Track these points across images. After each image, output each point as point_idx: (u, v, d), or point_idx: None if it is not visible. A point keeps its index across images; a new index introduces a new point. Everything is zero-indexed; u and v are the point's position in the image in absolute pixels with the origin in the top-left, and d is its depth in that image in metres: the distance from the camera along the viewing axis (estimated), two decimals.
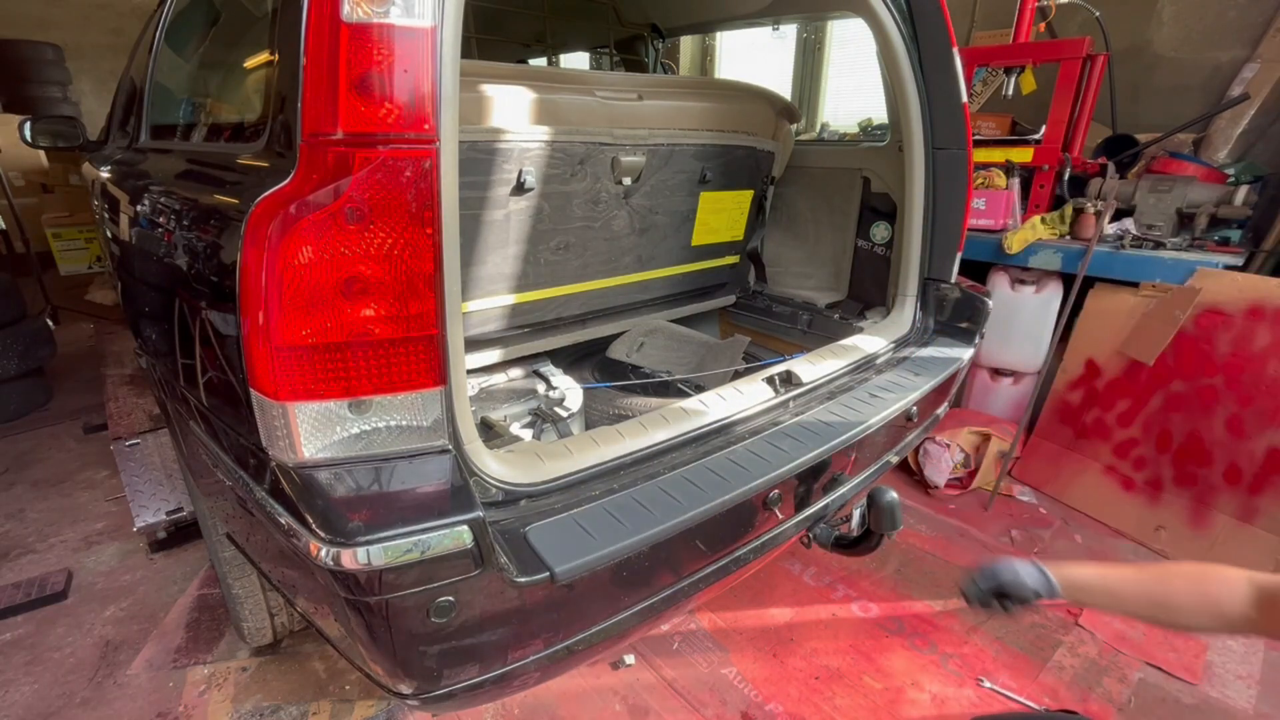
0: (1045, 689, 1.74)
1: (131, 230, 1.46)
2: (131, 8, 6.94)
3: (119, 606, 2.03)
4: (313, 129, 0.77)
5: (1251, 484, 2.16)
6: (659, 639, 1.89)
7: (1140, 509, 2.41)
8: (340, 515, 0.83)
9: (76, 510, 2.53)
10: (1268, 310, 2.15)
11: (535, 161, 1.50)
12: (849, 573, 2.18)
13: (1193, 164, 2.87)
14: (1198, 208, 2.60)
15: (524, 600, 0.96)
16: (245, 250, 0.80)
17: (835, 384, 1.56)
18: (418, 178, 0.79)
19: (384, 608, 0.86)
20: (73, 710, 1.67)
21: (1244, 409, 2.18)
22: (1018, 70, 3.00)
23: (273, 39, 0.92)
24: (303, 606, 1.19)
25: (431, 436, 0.91)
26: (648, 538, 0.99)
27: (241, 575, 1.63)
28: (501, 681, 1.03)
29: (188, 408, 1.24)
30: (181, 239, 1.10)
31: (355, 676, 1.74)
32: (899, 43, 1.67)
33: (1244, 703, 1.72)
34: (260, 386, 0.83)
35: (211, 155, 1.23)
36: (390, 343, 0.84)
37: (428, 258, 0.83)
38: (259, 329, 0.80)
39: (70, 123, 2.45)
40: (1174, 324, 2.31)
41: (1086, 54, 2.75)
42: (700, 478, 1.14)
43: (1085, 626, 1.96)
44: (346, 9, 0.72)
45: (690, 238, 2.06)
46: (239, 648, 1.85)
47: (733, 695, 1.72)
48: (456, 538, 0.86)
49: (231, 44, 1.47)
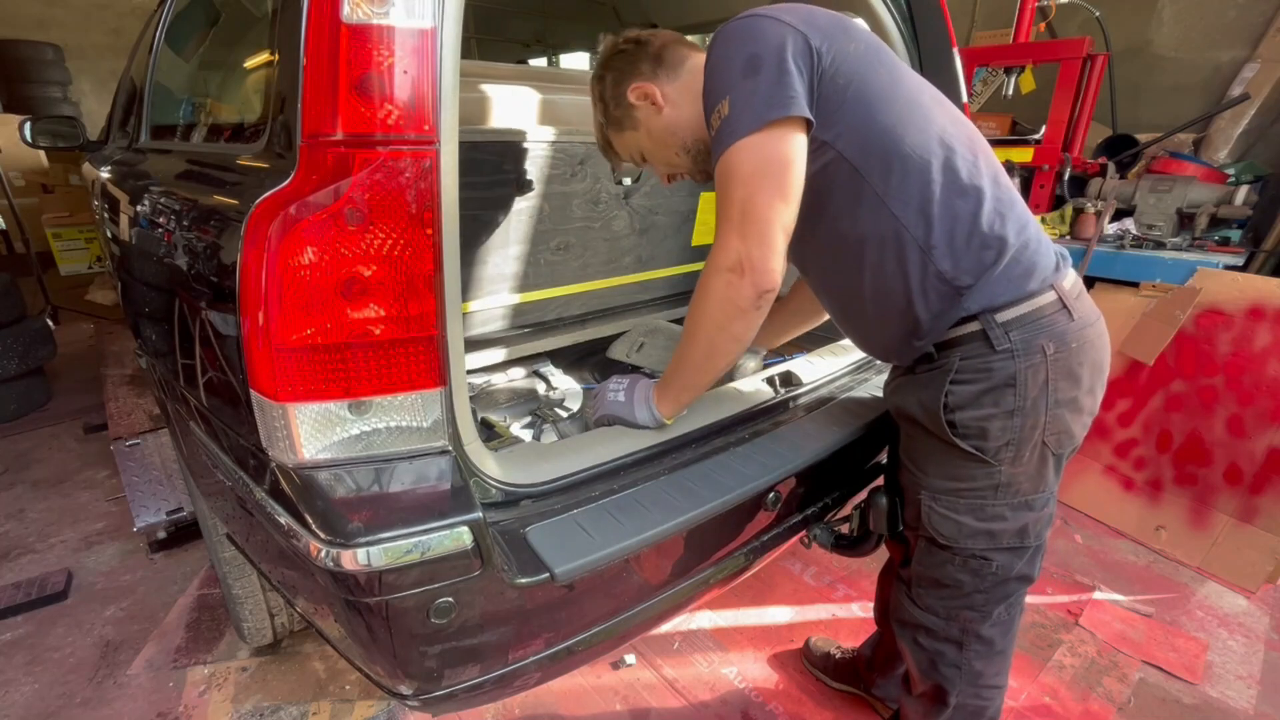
0: (1045, 689, 1.74)
1: (131, 230, 1.46)
2: (131, 8, 6.94)
3: (119, 606, 2.03)
4: (313, 130, 0.77)
5: (1252, 484, 2.16)
6: (659, 639, 1.89)
7: (1140, 509, 2.41)
8: (340, 516, 0.83)
9: (76, 510, 2.54)
10: (1268, 310, 2.15)
11: (535, 161, 1.50)
12: (849, 573, 2.18)
13: (1193, 164, 2.87)
14: (1198, 208, 2.60)
15: (524, 601, 0.96)
16: (245, 251, 0.80)
17: (835, 384, 1.56)
18: (418, 178, 0.79)
19: (384, 608, 0.86)
20: (73, 710, 1.68)
21: (1244, 409, 2.18)
22: (1018, 70, 3.00)
23: (272, 39, 0.92)
24: (303, 607, 1.19)
25: (431, 437, 0.91)
26: (648, 538, 0.99)
27: (241, 575, 1.63)
28: (502, 682, 1.03)
29: (188, 408, 1.24)
30: (181, 239, 1.10)
31: (355, 676, 1.74)
32: (899, 43, 1.67)
33: (1244, 703, 1.72)
34: (260, 387, 0.83)
35: (211, 156, 1.23)
36: (390, 343, 0.84)
37: (428, 258, 0.83)
38: (259, 329, 0.80)
39: (70, 123, 2.45)
40: (1174, 324, 2.31)
41: (1086, 54, 2.75)
42: (700, 478, 1.14)
43: (1085, 626, 1.96)
44: (346, 10, 0.72)
45: (691, 238, 2.06)
46: (239, 648, 1.85)
47: (733, 695, 1.72)
48: (456, 538, 0.86)
49: (231, 44, 1.47)
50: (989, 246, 0.96)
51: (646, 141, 1.13)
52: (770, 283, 0.94)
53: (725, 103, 0.92)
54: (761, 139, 0.90)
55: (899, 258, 0.99)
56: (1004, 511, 1.06)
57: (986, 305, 0.97)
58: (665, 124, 1.09)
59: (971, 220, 0.96)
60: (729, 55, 0.94)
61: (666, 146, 1.11)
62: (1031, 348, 0.97)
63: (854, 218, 1.00)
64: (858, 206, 0.99)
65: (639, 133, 1.12)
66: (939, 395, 1.02)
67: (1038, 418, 1.00)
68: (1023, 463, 1.03)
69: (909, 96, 0.99)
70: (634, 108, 1.09)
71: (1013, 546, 1.09)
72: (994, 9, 4.14)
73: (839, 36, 0.95)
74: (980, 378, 0.99)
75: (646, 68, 1.09)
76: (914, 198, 0.96)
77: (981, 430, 1.00)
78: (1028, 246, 0.99)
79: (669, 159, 1.13)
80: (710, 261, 0.97)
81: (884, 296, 1.04)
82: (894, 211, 0.97)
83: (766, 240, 0.91)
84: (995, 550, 1.09)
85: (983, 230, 0.96)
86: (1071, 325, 1.00)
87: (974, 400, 1.00)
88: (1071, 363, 1.00)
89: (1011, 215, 0.98)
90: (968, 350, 1.00)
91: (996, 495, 1.05)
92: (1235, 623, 2.01)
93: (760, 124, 0.89)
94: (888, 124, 0.96)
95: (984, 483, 1.05)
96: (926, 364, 1.05)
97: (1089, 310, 1.04)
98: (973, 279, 0.97)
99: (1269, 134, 3.17)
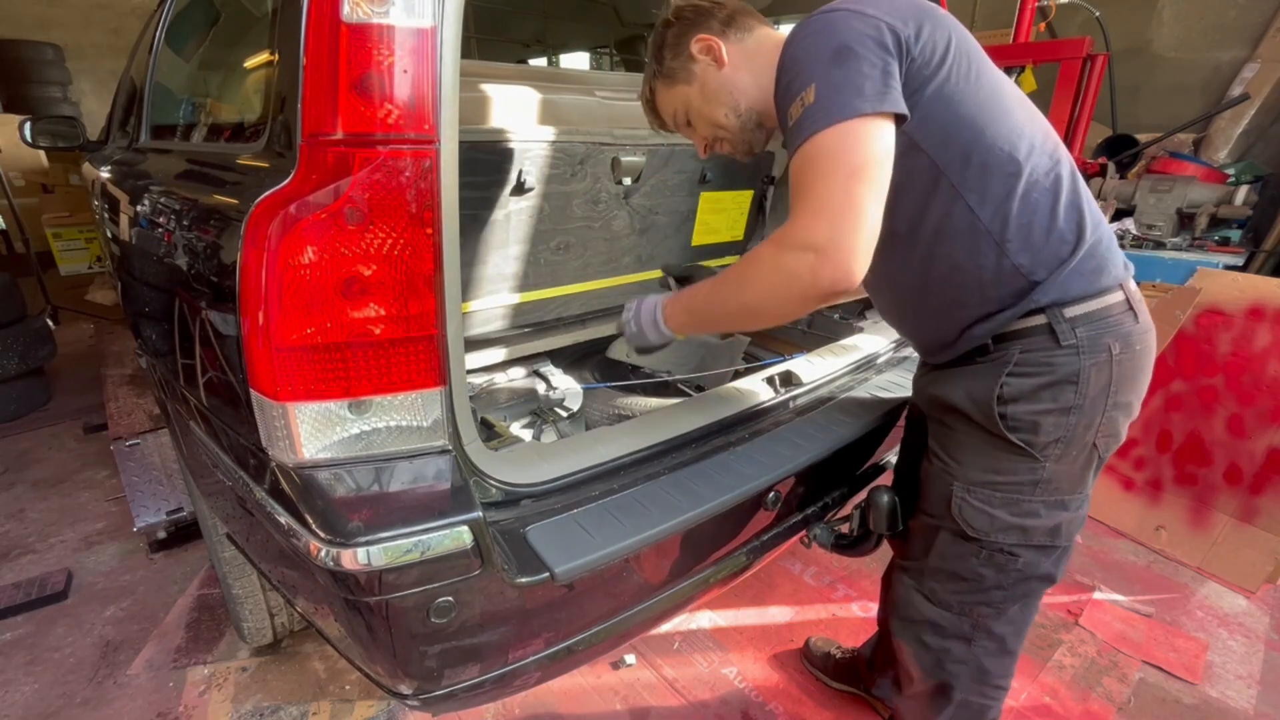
0: (1045, 688, 1.74)
1: (131, 230, 1.46)
2: (131, 8, 6.94)
3: (119, 606, 2.03)
4: (312, 129, 0.77)
5: (1252, 484, 2.16)
6: (659, 638, 1.89)
7: (1140, 509, 2.41)
8: (340, 515, 0.83)
9: (76, 510, 2.53)
10: (1268, 310, 2.15)
11: (535, 161, 1.50)
12: (849, 573, 2.18)
13: (1193, 164, 2.87)
14: (1198, 208, 2.61)
15: (524, 600, 0.95)
16: (245, 250, 0.80)
17: (835, 384, 1.56)
18: (418, 178, 0.79)
19: (384, 608, 0.86)
20: (73, 710, 1.67)
21: (1244, 409, 2.18)
22: (1018, 70, 3.00)
23: (272, 39, 0.92)
24: (303, 607, 1.19)
25: (431, 436, 0.91)
26: (648, 538, 1.00)
27: (241, 575, 1.63)
28: (502, 681, 1.03)
29: (188, 408, 1.24)
30: (181, 239, 1.10)
31: (355, 676, 1.74)
32: None
33: (1244, 703, 1.72)
34: (260, 386, 0.83)
35: (211, 155, 1.23)
36: (390, 343, 0.84)
37: (428, 258, 0.83)
38: (259, 329, 0.80)
39: (70, 123, 2.45)
40: (1174, 324, 2.31)
41: (1086, 54, 2.75)
42: (700, 478, 1.14)
43: (1085, 626, 1.96)
44: (346, 9, 0.72)
45: (690, 238, 2.06)
46: (239, 648, 1.85)
47: (733, 695, 1.72)
48: (456, 538, 0.86)
49: (231, 44, 1.47)
50: (1065, 241, 0.96)
51: (697, 98, 1.10)
52: (849, 282, 0.86)
53: (810, 90, 0.87)
54: (853, 128, 0.84)
55: (972, 250, 0.98)
56: (1039, 508, 1.05)
57: (1057, 299, 0.96)
58: (723, 82, 1.07)
59: (1049, 214, 0.95)
60: (813, 48, 0.90)
61: (719, 105, 1.09)
62: (1098, 346, 0.96)
63: (926, 209, 0.98)
64: (932, 198, 0.97)
65: (691, 88, 1.10)
66: (993, 387, 1.00)
67: (1094, 418, 0.99)
68: (1068, 461, 1.02)
69: (991, 88, 0.96)
70: (694, 60, 1.07)
71: (1043, 545, 1.08)
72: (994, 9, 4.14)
73: (925, 24, 0.93)
74: (1041, 371, 0.98)
75: (717, 25, 1.07)
76: (992, 191, 0.95)
77: (1034, 424, 0.99)
78: (1101, 242, 0.98)
79: (717, 120, 1.10)
80: (783, 237, 0.89)
81: (950, 288, 1.02)
82: (970, 205, 0.96)
83: (859, 230, 0.84)
84: (1024, 546, 1.07)
85: (1059, 224, 0.95)
86: (1136, 328, 0.99)
87: (1031, 394, 0.99)
88: (1135, 365, 0.99)
89: (1088, 211, 0.98)
90: (1030, 344, 0.98)
91: (1035, 491, 1.04)
92: (1235, 623, 2.01)
93: (853, 113, 0.84)
94: (969, 116, 0.94)
95: (1025, 478, 1.03)
96: (980, 355, 1.04)
97: (1149, 317, 1.04)
98: (1046, 272, 0.96)
99: (1269, 134, 3.18)
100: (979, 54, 0.98)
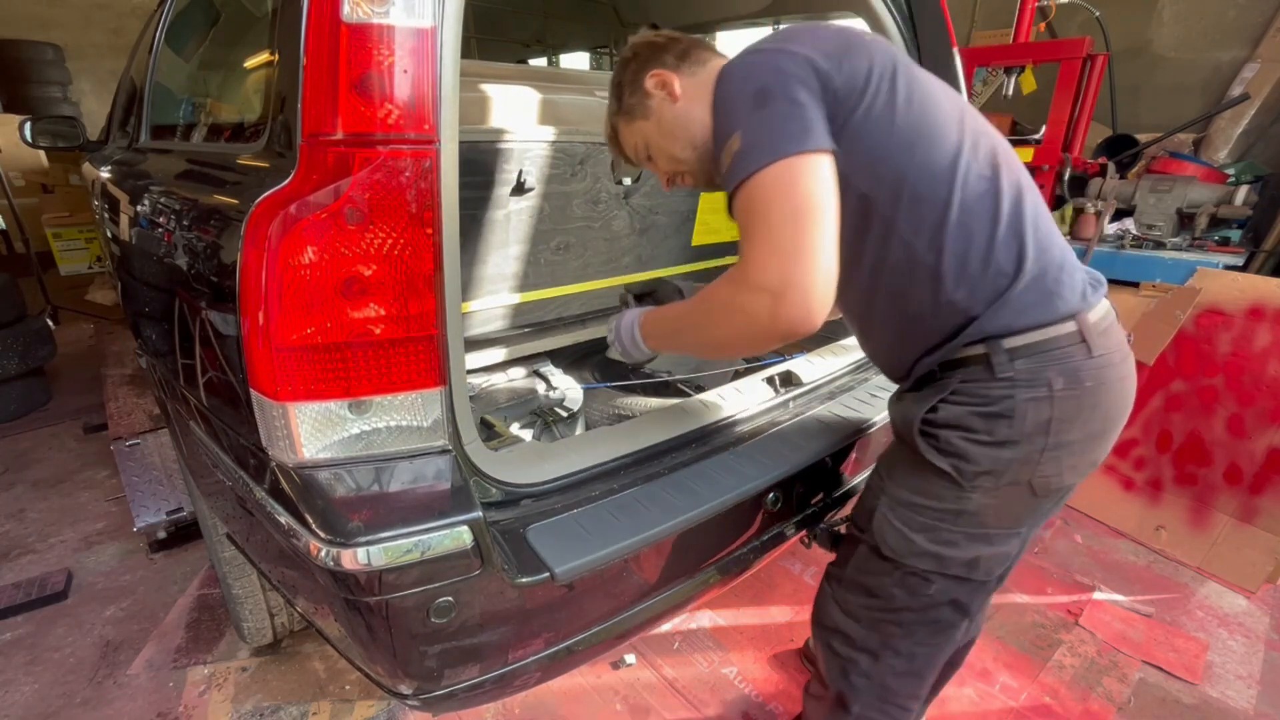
0: (1045, 688, 1.74)
1: (131, 230, 1.46)
2: (131, 8, 6.93)
3: (119, 606, 2.03)
4: (313, 129, 0.77)
5: (1252, 484, 2.16)
6: (660, 638, 1.89)
7: (1140, 509, 2.41)
8: (340, 515, 0.83)
9: (76, 510, 2.53)
10: (1268, 310, 2.15)
11: (535, 161, 1.50)
12: None
13: (1193, 164, 2.87)
14: (1198, 208, 2.60)
15: (524, 600, 0.96)
16: (245, 250, 0.80)
17: (835, 384, 1.56)
18: (418, 178, 0.79)
19: (384, 608, 0.86)
20: (73, 710, 1.67)
21: (1244, 409, 2.18)
22: (1018, 70, 3.00)
23: (272, 39, 0.92)
24: (303, 607, 1.19)
25: (431, 436, 0.91)
26: (648, 538, 1.00)
27: (241, 575, 1.63)
28: (502, 681, 1.03)
29: (188, 408, 1.24)
30: (181, 239, 1.10)
31: (355, 676, 1.74)
32: (899, 43, 1.67)
33: (1244, 703, 1.72)
34: (260, 386, 0.83)
35: (211, 155, 1.23)
36: (390, 343, 0.84)
37: (428, 258, 0.83)
38: (259, 329, 0.80)
39: (70, 123, 2.45)
40: (1174, 324, 2.31)
41: (1086, 54, 2.75)
42: (700, 478, 1.14)
43: (1085, 626, 1.96)
44: (346, 9, 0.72)
45: (691, 238, 2.06)
46: (239, 648, 1.85)
47: (733, 695, 1.72)
48: (456, 538, 0.86)
49: (231, 44, 1.47)
50: (1003, 273, 0.92)
51: (655, 133, 1.10)
52: (809, 321, 0.85)
53: (736, 137, 0.87)
54: (782, 170, 0.84)
55: (910, 283, 0.96)
56: (959, 539, 1.02)
57: (994, 331, 0.93)
58: (676, 116, 1.07)
59: (987, 243, 0.92)
60: (736, 93, 0.91)
61: (675, 139, 1.09)
62: (1037, 380, 0.92)
63: (863, 243, 0.97)
64: (867, 232, 0.96)
65: (649, 123, 1.10)
66: (923, 409, 0.99)
67: (1029, 455, 0.94)
68: (998, 496, 0.98)
69: (921, 110, 0.93)
70: (649, 96, 1.07)
71: (958, 576, 1.05)
72: (994, 9, 4.14)
73: (846, 55, 0.92)
74: (974, 401, 0.95)
75: (670, 59, 1.07)
76: (925, 223, 0.92)
77: (963, 452, 0.96)
78: (1047, 273, 0.93)
79: (674, 154, 1.11)
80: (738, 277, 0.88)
81: (897, 321, 1.02)
82: (904, 237, 0.93)
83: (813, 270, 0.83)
84: (938, 574, 1.05)
85: (997, 255, 0.92)
86: (1089, 362, 0.93)
87: (961, 421, 0.96)
88: (1083, 403, 0.93)
89: (1031, 239, 0.93)
90: (969, 374, 0.96)
91: (957, 521, 1.01)
92: (1235, 623, 2.01)
93: (780, 155, 0.84)
94: (896, 144, 0.92)
95: (949, 505, 1.01)
96: (928, 382, 1.03)
97: (1115, 349, 0.97)
98: (984, 306, 0.93)
99: (1269, 134, 3.18)
100: (910, 75, 0.95)
